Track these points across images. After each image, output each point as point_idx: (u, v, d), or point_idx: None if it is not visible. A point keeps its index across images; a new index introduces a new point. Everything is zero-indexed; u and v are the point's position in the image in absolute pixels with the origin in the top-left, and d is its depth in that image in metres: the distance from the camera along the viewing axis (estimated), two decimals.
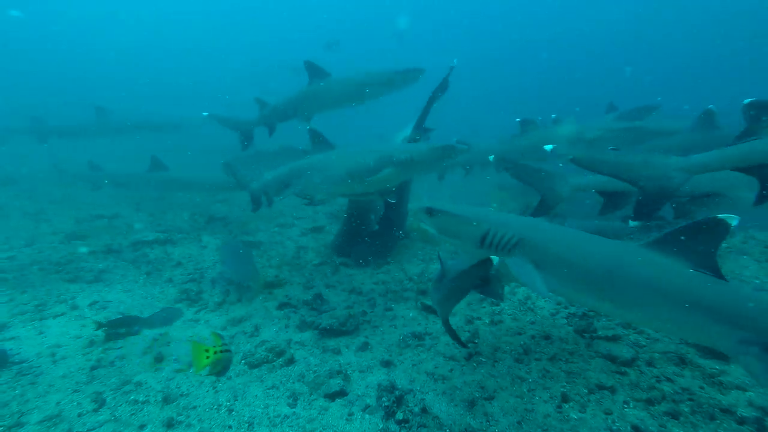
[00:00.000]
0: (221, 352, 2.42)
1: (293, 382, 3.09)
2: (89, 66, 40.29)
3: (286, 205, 11.26)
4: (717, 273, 2.07)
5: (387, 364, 3.34)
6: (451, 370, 3.17)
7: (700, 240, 2.09)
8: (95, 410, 2.79)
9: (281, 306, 4.64)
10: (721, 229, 2.04)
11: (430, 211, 3.01)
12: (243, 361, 3.37)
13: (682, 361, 3.08)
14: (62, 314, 4.29)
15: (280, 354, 3.43)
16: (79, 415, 2.73)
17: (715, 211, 2.10)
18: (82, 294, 4.79)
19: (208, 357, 2.37)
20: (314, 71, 7.07)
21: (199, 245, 7.19)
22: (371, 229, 6.69)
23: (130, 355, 3.50)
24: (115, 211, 9.82)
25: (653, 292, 2.12)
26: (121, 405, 2.85)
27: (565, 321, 3.83)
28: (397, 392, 2.76)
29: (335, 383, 2.95)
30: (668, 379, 2.89)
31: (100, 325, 3.62)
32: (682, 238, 2.14)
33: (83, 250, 6.62)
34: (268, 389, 3.00)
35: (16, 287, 4.98)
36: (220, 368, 2.42)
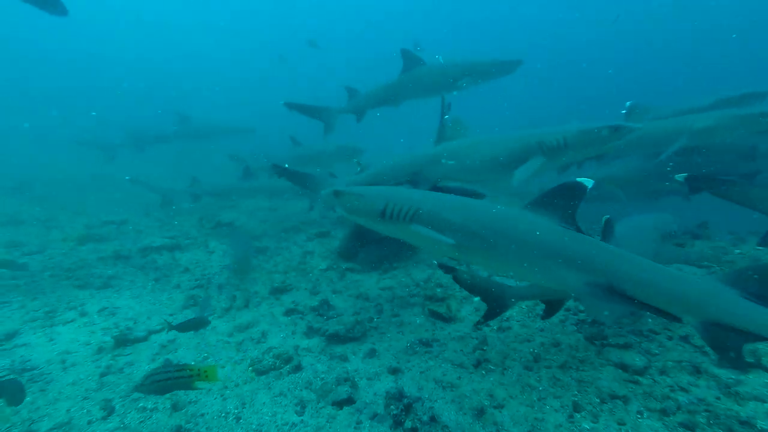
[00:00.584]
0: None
1: (301, 390, 3.08)
2: (167, 76, 41.61)
3: (293, 210, 11.39)
4: (576, 227, 2.49)
5: (395, 371, 3.32)
6: (460, 377, 3.14)
7: (563, 200, 2.48)
8: (104, 418, 2.80)
9: (288, 312, 4.65)
10: (578, 191, 2.44)
11: (337, 194, 3.23)
12: (251, 368, 3.37)
13: (696, 371, 3.01)
14: (72, 321, 4.33)
15: (288, 361, 3.42)
16: (89, 423, 2.74)
17: None
18: (91, 300, 4.84)
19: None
20: (410, 59, 7.10)
21: (207, 251, 7.23)
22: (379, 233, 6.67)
23: (138, 362, 3.52)
24: (124, 217, 9.94)
25: (525, 245, 2.49)
26: (130, 412, 2.86)
27: (575, 328, 3.78)
28: (405, 400, 2.74)
29: (343, 391, 2.93)
30: (683, 389, 2.83)
31: (170, 327, 3.62)
32: (550, 199, 2.50)
33: (93, 256, 6.70)
34: (276, 396, 2.99)
35: (27, 294, 5.04)
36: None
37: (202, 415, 2.82)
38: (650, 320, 3.71)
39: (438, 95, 7.26)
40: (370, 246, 6.53)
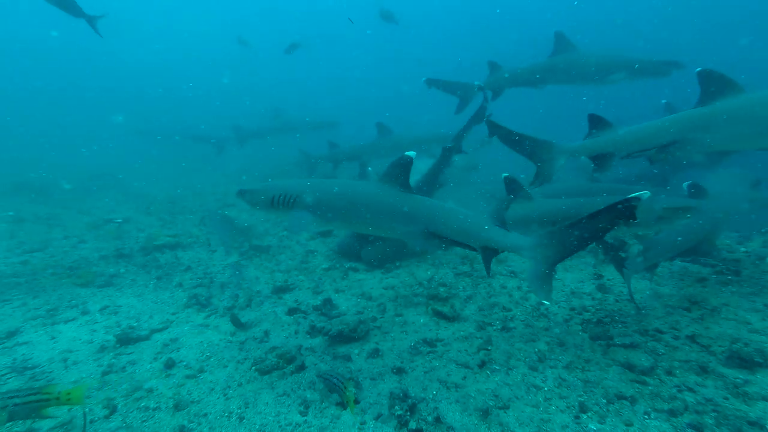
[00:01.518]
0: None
1: (304, 390, 3.06)
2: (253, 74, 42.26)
3: None
4: (409, 189, 3.39)
5: (399, 371, 3.30)
6: (464, 377, 3.12)
7: (398, 171, 3.35)
8: (107, 417, 2.79)
9: (291, 311, 4.63)
10: (406, 163, 3.31)
11: (241, 193, 3.84)
12: (254, 368, 3.35)
13: (703, 370, 2.99)
14: (73, 319, 4.32)
15: (291, 360, 3.40)
16: (91, 422, 2.73)
17: None
18: (93, 299, 4.83)
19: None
20: (562, 43, 6.97)
21: (209, 249, 7.23)
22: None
23: (140, 361, 3.51)
24: (126, 215, 9.95)
25: (375, 210, 3.36)
26: (132, 412, 2.85)
27: (580, 327, 3.76)
28: (410, 401, 2.72)
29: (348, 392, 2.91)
30: (690, 389, 2.81)
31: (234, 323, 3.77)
32: (391, 172, 3.37)
33: (95, 254, 6.70)
34: (280, 396, 2.98)
35: (29, 292, 5.04)
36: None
37: (205, 414, 2.80)
38: (656, 320, 3.68)
39: (584, 86, 7.04)
40: (372, 245, 6.51)
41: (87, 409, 2.81)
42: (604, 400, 2.74)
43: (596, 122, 4.24)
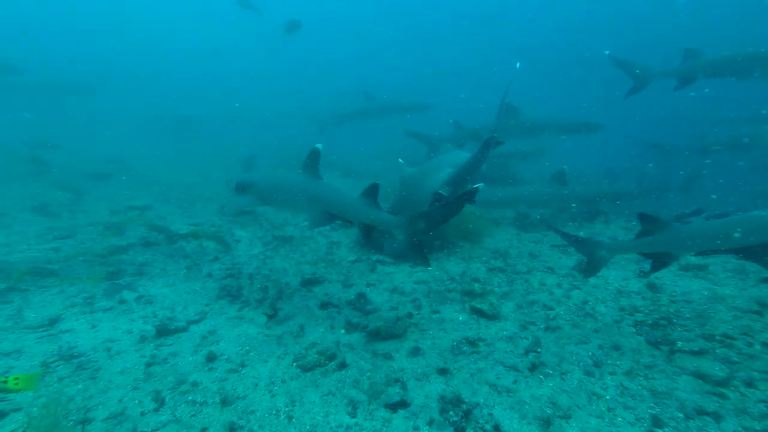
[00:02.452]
0: None
1: (349, 389, 3.09)
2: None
3: None
4: (318, 176, 4.39)
5: (443, 371, 3.29)
6: (515, 381, 3.09)
7: (310, 162, 4.37)
8: (156, 410, 2.87)
9: (323, 305, 4.67)
10: (316, 154, 4.37)
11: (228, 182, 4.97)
12: (295, 364, 3.39)
13: None
14: (111, 308, 4.44)
15: (332, 357, 3.43)
16: (142, 414, 2.81)
17: None
18: (127, 288, 4.95)
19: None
20: None
21: (233, 239, 7.32)
22: None
23: (182, 353, 3.59)
24: (146, 202, 10.13)
25: (296, 194, 4.30)
26: (180, 405, 2.92)
27: (634, 330, 3.69)
28: (464, 406, 2.71)
29: (394, 392, 2.93)
30: None
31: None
32: (308, 162, 4.37)
33: (123, 242, 6.85)
34: (325, 395, 3.01)
35: (65, 279, 5.19)
36: None
37: (253, 411, 2.85)
38: (722, 324, 3.56)
39: None
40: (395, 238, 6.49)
41: (137, 401, 2.90)
42: (681, 415, 2.64)
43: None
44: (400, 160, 7.64)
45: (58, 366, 3.32)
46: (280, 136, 18.53)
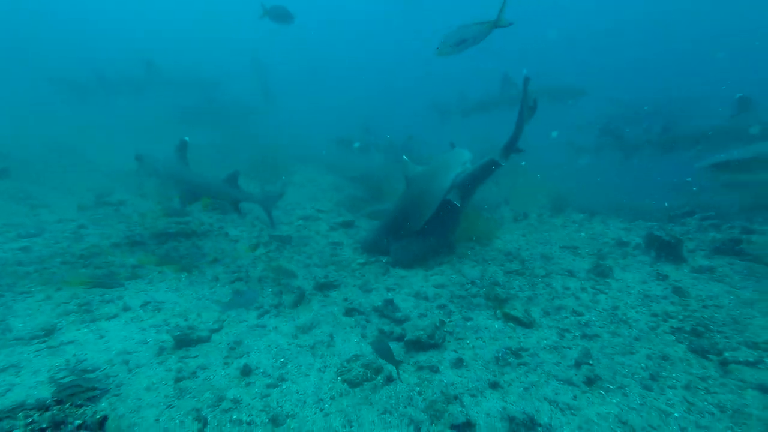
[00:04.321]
0: None
1: (405, 407, 3.03)
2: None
3: (301, 195, 11.26)
4: (186, 162, 7.09)
5: (494, 385, 3.30)
6: (575, 397, 3.14)
7: (179, 151, 7.09)
8: (200, 430, 2.73)
9: (348, 312, 4.60)
10: (182, 145, 7.10)
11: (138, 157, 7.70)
12: (340, 378, 3.32)
13: None
14: (115, 316, 4.18)
15: (378, 371, 3.38)
16: None
17: None
18: (127, 293, 4.68)
19: None
20: None
21: (229, 239, 7.07)
22: (416, 228, 6.60)
23: (211, 366, 3.43)
24: (119, 197, 9.62)
25: (171, 177, 6.89)
26: (225, 425, 2.79)
27: (674, 337, 3.85)
28: (539, 429, 2.72)
29: (458, 412, 2.90)
30: None
31: None
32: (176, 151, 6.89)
33: (105, 242, 6.47)
34: (382, 414, 2.94)
35: (47, 283, 4.84)
36: None
37: None
38: (763, 330, 3.78)
39: None
40: (404, 241, 6.47)
41: (178, 421, 2.74)
42: None
43: None
44: (404, 157, 7.62)
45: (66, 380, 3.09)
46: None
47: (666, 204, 9.34)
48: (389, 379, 3.33)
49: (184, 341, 3.68)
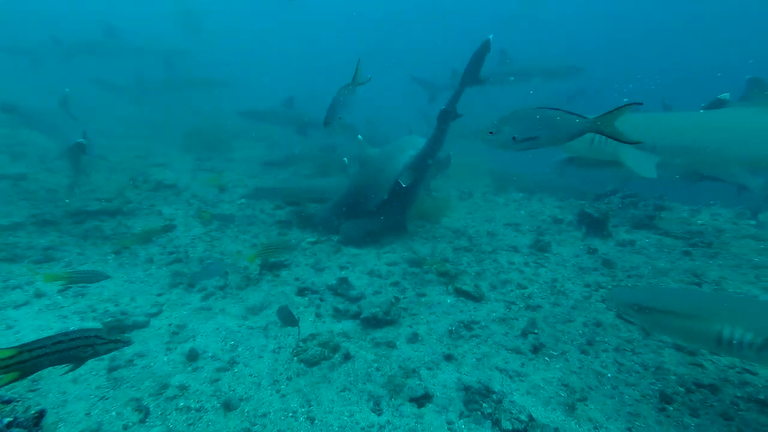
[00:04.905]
0: None
1: (364, 383, 3.00)
2: None
3: (243, 173, 10.71)
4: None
5: (448, 358, 3.37)
6: (523, 365, 3.29)
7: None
8: (142, 421, 2.49)
9: (301, 291, 4.46)
10: (79, 147, 6.56)
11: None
12: (296, 359, 3.20)
13: None
14: (26, 303, 3.68)
15: (335, 349, 3.31)
16: (125, 429, 2.42)
17: None
18: (39, 277, 4.13)
19: None
20: None
21: (163, 218, 6.52)
22: (368, 208, 6.56)
23: (150, 353, 3.14)
24: (18, 170, 8.48)
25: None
26: (171, 414, 2.58)
27: (604, 305, 4.22)
28: (494, 396, 2.81)
29: (416, 385, 2.92)
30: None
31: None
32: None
33: (3, 221, 5.65)
34: (341, 392, 2.88)
35: None
36: None
37: (265, 414, 2.64)
38: None
39: None
40: (356, 220, 6.42)
41: (114, 413, 2.48)
42: (683, 389, 2.98)
43: None
44: (359, 137, 7.48)
45: None
46: None
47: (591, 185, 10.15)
48: (347, 357, 3.29)
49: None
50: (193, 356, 3.12)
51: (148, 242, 5.44)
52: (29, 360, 1.88)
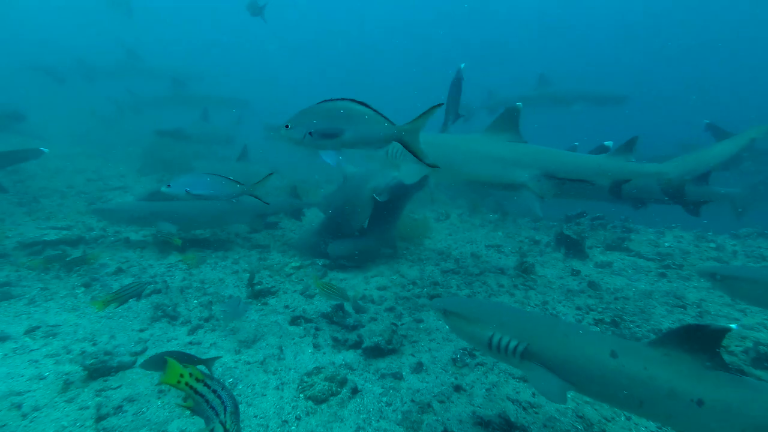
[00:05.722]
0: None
1: (377, 420, 2.89)
2: None
3: None
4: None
5: (458, 389, 3.32)
6: (534, 394, 3.29)
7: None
8: None
9: (294, 320, 4.31)
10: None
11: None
12: (302, 395, 3.06)
13: None
14: None
15: (343, 383, 3.18)
16: None
17: None
18: (1, 317, 3.74)
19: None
20: None
21: (130, 245, 6.15)
22: (353, 228, 6.53)
23: (141, 397, 2.89)
24: None
25: None
26: None
27: (597, 328, 4.37)
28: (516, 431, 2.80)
29: (433, 421, 2.85)
30: None
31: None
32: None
33: None
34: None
35: None
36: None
37: None
38: (663, 319, 4.43)
39: None
40: (342, 242, 6.35)
41: None
42: None
43: None
44: (339, 157, 7.45)
45: None
46: None
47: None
48: (354, 391, 3.17)
49: (101, 370, 3.06)
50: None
51: (121, 273, 5.10)
52: None
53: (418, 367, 3.65)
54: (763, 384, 2.19)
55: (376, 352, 3.74)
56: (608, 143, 5.38)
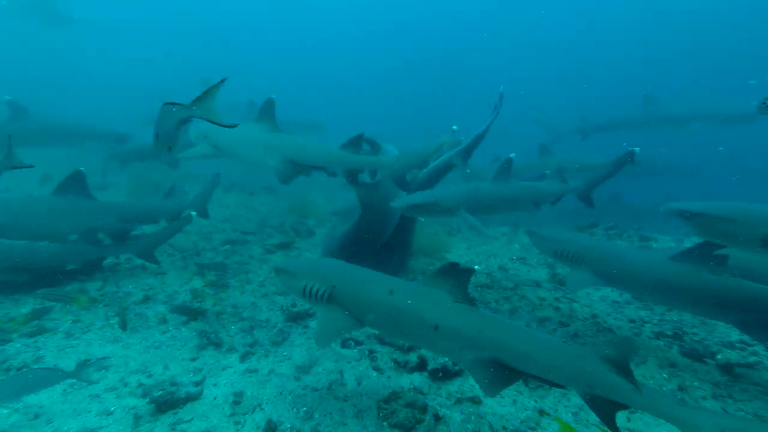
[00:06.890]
0: None
1: None
2: None
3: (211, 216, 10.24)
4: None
5: (541, 412, 3.34)
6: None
7: None
8: None
9: (344, 343, 4.29)
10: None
11: None
12: (386, 423, 3.04)
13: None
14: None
15: (424, 410, 3.17)
16: None
17: None
18: (47, 353, 3.65)
19: None
20: None
21: (151, 272, 6.06)
22: (378, 243, 6.57)
23: (219, 429, 2.85)
24: None
25: None
26: None
27: (662, 342, 4.47)
28: None
29: None
30: None
31: None
32: None
33: None
34: None
35: None
36: None
37: None
38: (726, 329, 4.61)
39: None
40: (365, 254, 6.39)
41: None
42: None
43: None
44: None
45: None
46: None
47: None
48: (437, 418, 3.16)
49: (169, 402, 3.00)
50: (271, 429, 2.88)
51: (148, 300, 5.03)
52: None
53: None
54: (494, 315, 2.84)
55: (444, 373, 3.75)
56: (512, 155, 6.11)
